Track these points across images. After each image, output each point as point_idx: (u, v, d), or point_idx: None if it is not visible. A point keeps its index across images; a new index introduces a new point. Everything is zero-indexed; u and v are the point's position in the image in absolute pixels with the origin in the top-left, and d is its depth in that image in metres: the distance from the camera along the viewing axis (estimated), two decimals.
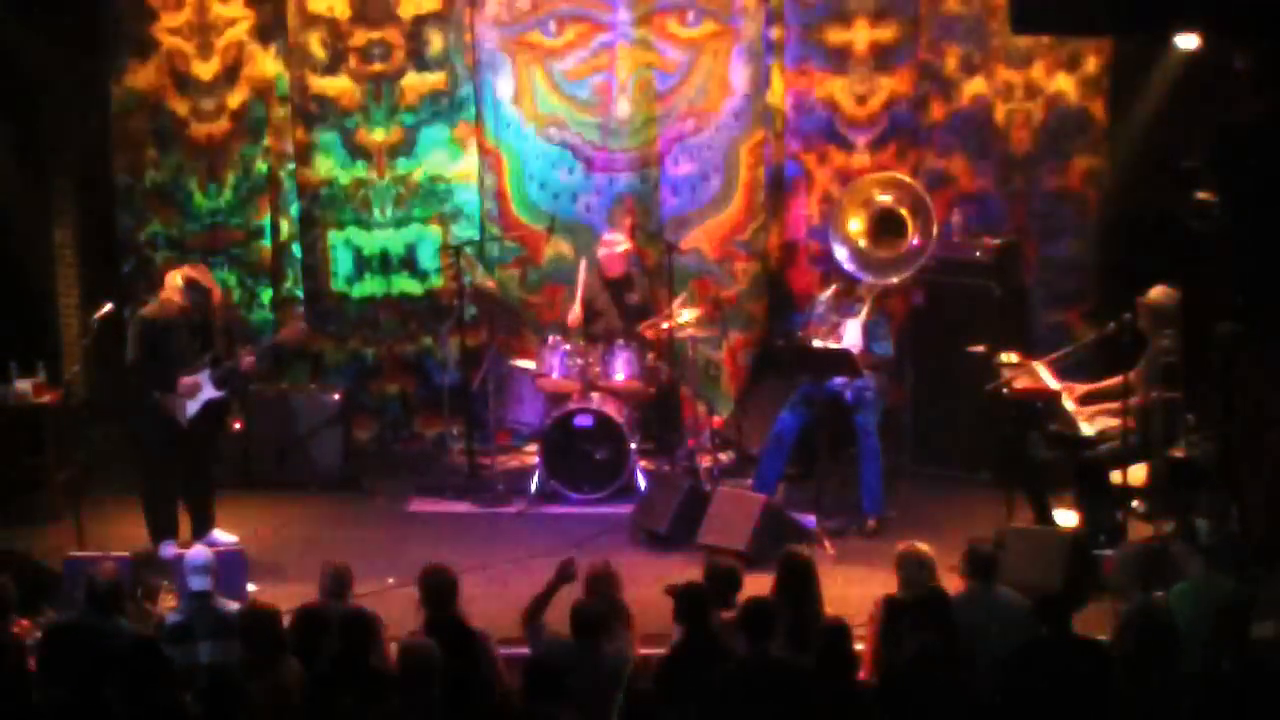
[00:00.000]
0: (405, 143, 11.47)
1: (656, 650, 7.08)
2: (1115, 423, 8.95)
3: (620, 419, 10.37)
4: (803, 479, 10.22)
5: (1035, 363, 9.46)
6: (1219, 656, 6.54)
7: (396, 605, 7.95)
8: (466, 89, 11.39)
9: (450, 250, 11.10)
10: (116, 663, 6.39)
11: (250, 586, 8.59)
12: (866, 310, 9.97)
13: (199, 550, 7.73)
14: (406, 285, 11.65)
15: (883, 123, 11.24)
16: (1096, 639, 6.90)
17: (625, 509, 10.17)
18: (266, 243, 11.55)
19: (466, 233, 11.40)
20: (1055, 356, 9.59)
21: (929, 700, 6.24)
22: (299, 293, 11.59)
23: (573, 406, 10.44)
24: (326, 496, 10.77)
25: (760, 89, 11.28)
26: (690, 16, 11.28)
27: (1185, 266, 9.14)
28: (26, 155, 11.07)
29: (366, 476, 11.05)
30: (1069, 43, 10.88)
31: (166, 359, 9.37)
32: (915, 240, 9.98)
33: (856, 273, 10.02)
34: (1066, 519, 9.29)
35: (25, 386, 10.31)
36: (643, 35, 11.30)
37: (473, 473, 10.77)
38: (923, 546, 7.43)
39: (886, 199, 10.09)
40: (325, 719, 6.39)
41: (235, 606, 7.38)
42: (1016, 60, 11.04)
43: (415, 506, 10.60)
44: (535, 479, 10.51)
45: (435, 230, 11.53)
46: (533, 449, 10.89)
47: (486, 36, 11.36)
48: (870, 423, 9.83)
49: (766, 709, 6.31)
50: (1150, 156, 10.50)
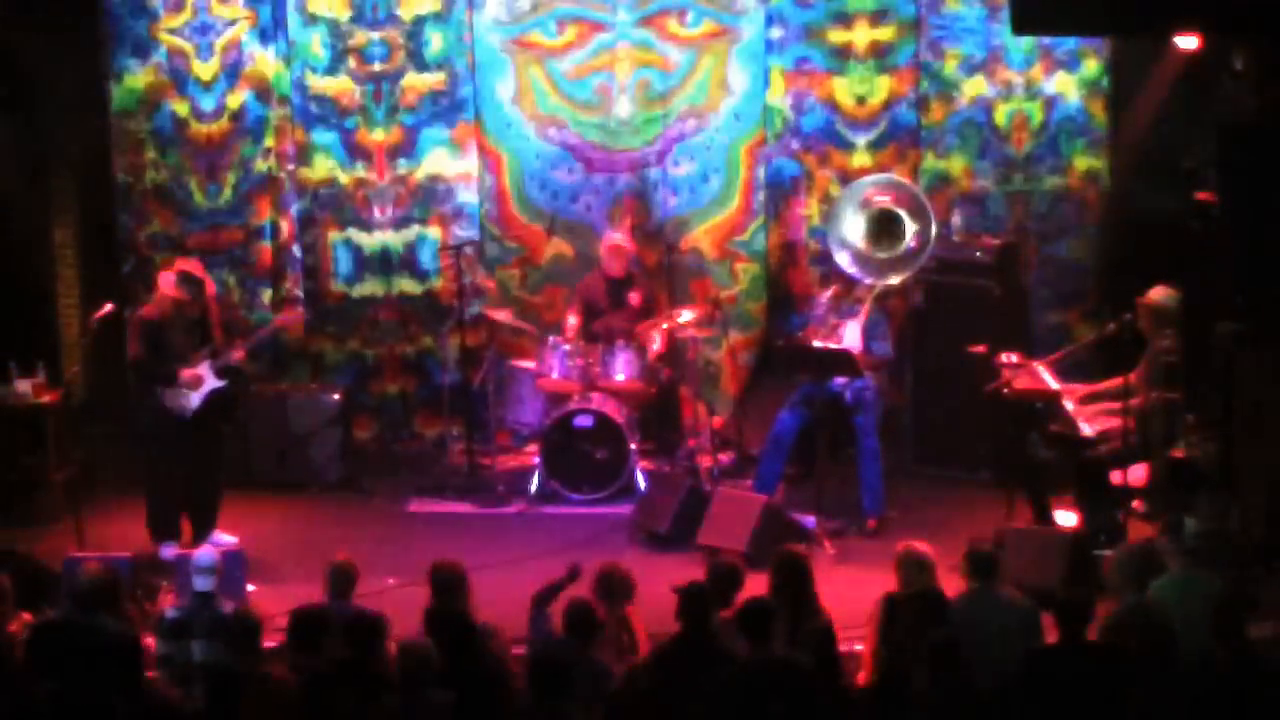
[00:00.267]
0: (405, 143, 11.47)
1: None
2: (1115, 423, 8.96)
3: (620, 419, 10.37)
4: (803, 479, 10.21)
5: (1035, 363, 9.46)
6: (1212, 654, 6.53)
7: (397, 605, 7.94)
8: (466, 89, 11.39)
9: (450, 250, 11.10)
10: (97, 660, 6.44)
11: (249, 586, 8.60)
12: (865, 311, 9.97)
13: (207, 551, 7.78)
14: (406, 285, 11.65)
15: (883, 123, 11.25)
16: (1114, 644, 6.87)
17: (625, 509, 10.17)
18: (267, 242, 11.56)
19: (466, 233, 11.40)
20: (1055, 357, 9.59)
21: (936, 700, 6.23)
22: (299, 293, 11.60)
23: (573, 406, 10.44)
24: (326, 496, 10.77)
25: (760, 89, 11.28)
26: (690, 16, 11.28)
27: (1185, 266, 9.14)
28: (26, 155, 11.08)
29: (366, 476, 11.04)
30: (1068, 43, 10.89)
31: (167, 355, 9.38)
32: (913, 241, 9.97)
33: (855, 274, 10.03)
34: (1066, 519, 9.29)
35: (25, 386, 10.30)
36: (643, 35, 11.31)
37: (473, 473, 10.77)
38: (922, 546, 7.43)
39: (884, 200, 10.10)
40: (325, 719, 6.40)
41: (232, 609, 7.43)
42: (1016, 60, 11.05)
43: (415, 506, 10.60)
44: (535, 479, 10.51)
45: (435, 230, 11.56)
46: (533, 449, 10.89)
47: (486, 36, 11.37)
48: (870, 423, 9.84)
49: (769, 709, 6.31)
50: (1150, 156, 10.50)
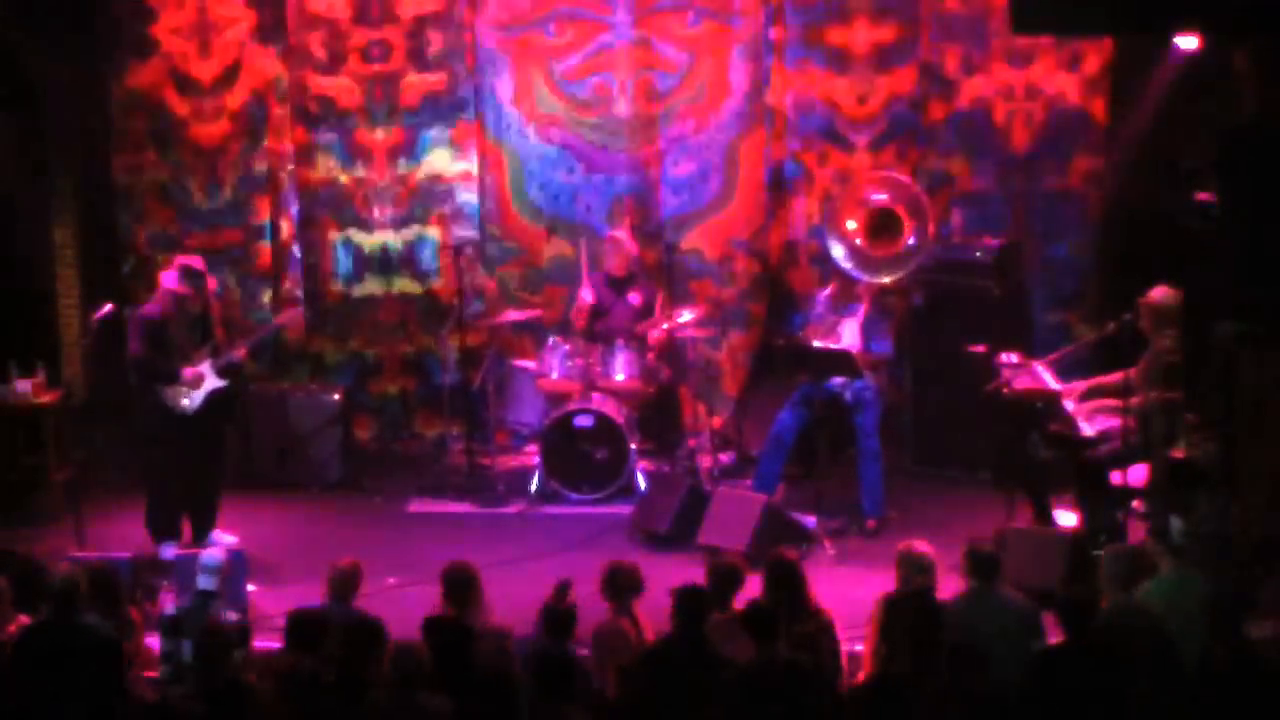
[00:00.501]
0: (405, 143, 11.47)
1: None
2: (1115, 423, 8.95)
3: (620, 419, 10.37)
4: (803, 479, 10.21)
5: (1035, 363, 9.46)
6: (1210, 654, 6.52)
7: (397, 605, 7.94)
8: (466, 89, 11.39)
9: (450, 250, 11.10)
10: (73, 661, 6.48)
11: (250, 586, 8.60)
12: (864, 309, 9.97)
13: (214, 552, 7.84)
14: (406, 285, 11.65)
15: (883, 123, 11.24)
16: (1117, 645, 6.86)
17: (625, 509, 10.17)
18: (267, 242, 11.56)
19: (466, 233, 11.39)
20: (1055, 356, 9.59)
21: (955, 701, 6.23)
22: (299, 293, 11.60)
23: (573, 406, 10.44)
24: (326, 496, 10.78)
25: (760, 89, 11.28)
26: (690, 16, 11.29)
27: (1185, 266, 9.13)
28: (27, 155, 11.08)
29: (366, 476, 11.05)
30: (1069, 43, 10.88)
31: (169, 352, 9.37)
32: (912, 239, 9.97)
33: (853, 271, 10.02)
34: (1066, 519, 9.29)
35: (25, 386, 10.32)
36: (643, 35, 11.31)
37: (473, 473, 10.77)
38: (922, 546, 7.43)
39: (882, 198, 10.09)
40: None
41: (233, 617, 7.47)
42: (1017, 60, 11.05)
43: (415, 506, 10.60)
44: (535, 479, 10.51)
45: (435, 230, 11.55)
46: (533, 449, 10.89)
47: (486, 36, 11.37)
48: (870, 423, 9.83)
49: (775, 709, 6.30)
50: (1150, 156, 10.50)
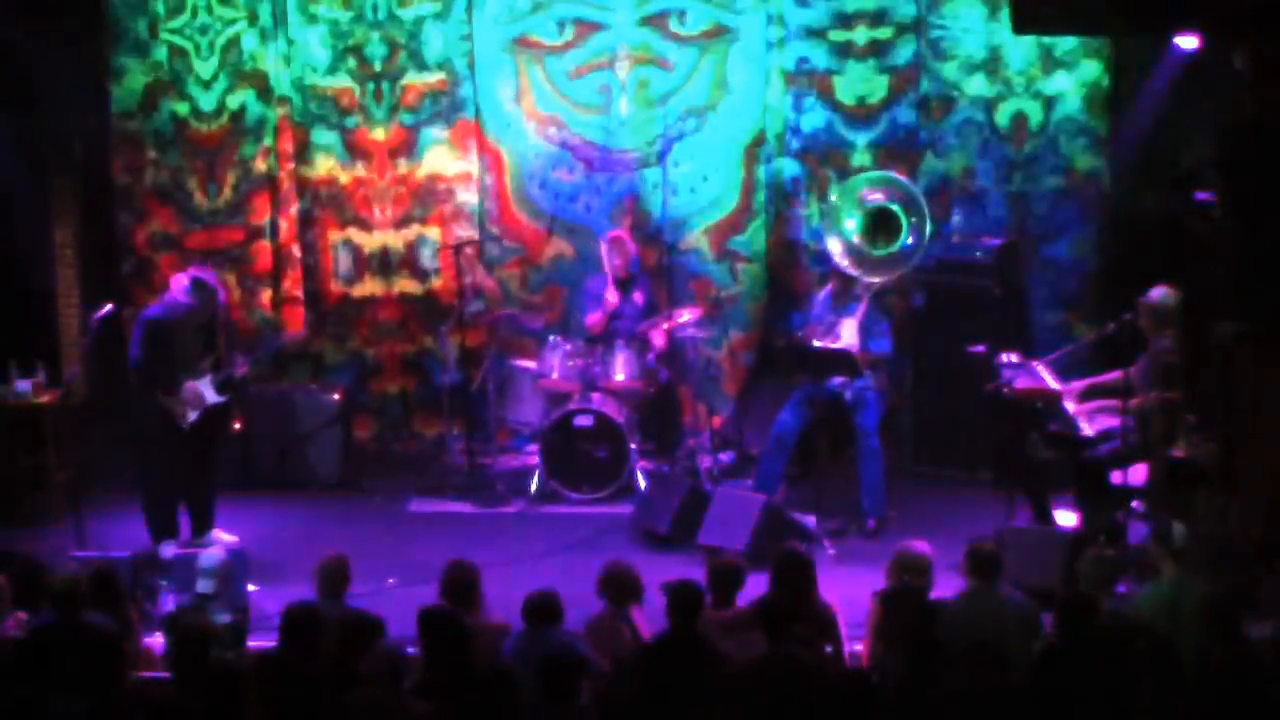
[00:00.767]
0: (405, 143, 11.47)
1: None
2: (1115, 423, 8.96)
3: (620, 419, 10.37)
4: (803, 479, 10.22)
5: (1035, 363, 9.46)
6: (1209, 654, 6.52)
7: (397, 605, 7.94)
8: (466, 89, 11.39)
9: (451, 250, 11.09)
10: (72, 660, 6.51)
11: (250, 586, 8.60)
12: (863, 308, 9.97)
13: (213, 553, 7.84)
14: (406, 285, 11.65)
15: (883, 123, 11.25)
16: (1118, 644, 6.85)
17: (625, 509, 10.17)
18: (267, 242, 11.56)
19: (466, 233, 11.39)
20: (1055, 356, 9.59)
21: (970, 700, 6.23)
22: (299, 293, 11.60)
23: (573, 406, 10.44)
24: (326, 496, 10.78)
25: (760, 89, 11.28)
26: (690, 16, 11.29)
27: (1185, 266, 9.13)
28: (26, 155, 11.08)
29: (366, 476, 11.05)
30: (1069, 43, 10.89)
31: (170, 359, 9.37)
32: (910, 239, 9.97)
33: (852, 270, 10.02)
34: (1066, 519, 9.29)
35: (25, 386, 10.32)
36: (643, 35, 11.31)
37: (473, 473, 10.77)
38: (919, 547, 7.43)
39: (879, 197, 10.09)
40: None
41: (226, 619, 7.52)
42: (1016, 60, 11.04)
43: (415, 506, 10.61)
44: (535, 479, 10.51)
45: (435, 230, 11.55)
46: (533, 449, 10.89)
47: (486, 36, 11.37)
48: (870, 423, 9.84)
49: (786, 707, 6.30)
50: (1150, 156, 10.49)
